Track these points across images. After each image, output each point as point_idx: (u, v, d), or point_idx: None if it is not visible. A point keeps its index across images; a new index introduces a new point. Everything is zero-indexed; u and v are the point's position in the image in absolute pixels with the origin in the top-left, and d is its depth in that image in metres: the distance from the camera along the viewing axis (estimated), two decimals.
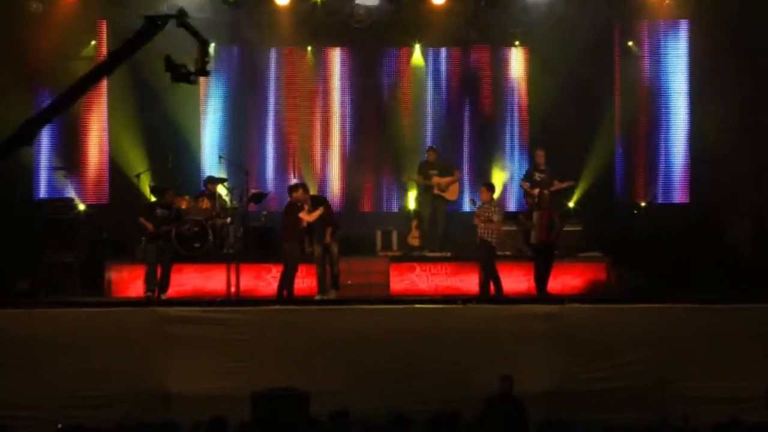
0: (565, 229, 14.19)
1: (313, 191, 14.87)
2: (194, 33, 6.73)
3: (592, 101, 15.95)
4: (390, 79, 16.64)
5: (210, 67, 6.62)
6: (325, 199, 14.10)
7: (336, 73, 16.63)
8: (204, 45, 6.74)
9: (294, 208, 13.34)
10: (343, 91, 16.64)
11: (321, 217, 13.25)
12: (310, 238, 13.37)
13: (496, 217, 13.24)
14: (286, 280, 13.23)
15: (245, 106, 16.49)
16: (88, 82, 6.49)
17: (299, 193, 13.35)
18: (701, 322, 11.73)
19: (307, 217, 13.28)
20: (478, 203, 13.55)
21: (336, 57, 16.67)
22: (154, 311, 11.83)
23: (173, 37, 7.11)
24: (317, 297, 13.15)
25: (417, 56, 16.53)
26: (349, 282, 13.66)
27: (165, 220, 13.45)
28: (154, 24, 6.50)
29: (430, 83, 16.65)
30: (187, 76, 6.58)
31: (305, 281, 13.70)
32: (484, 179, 15.96)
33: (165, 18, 6.61)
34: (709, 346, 11.56)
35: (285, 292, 13.19)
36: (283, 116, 16.54)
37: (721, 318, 11.78)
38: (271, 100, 16.53)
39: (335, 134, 16.64)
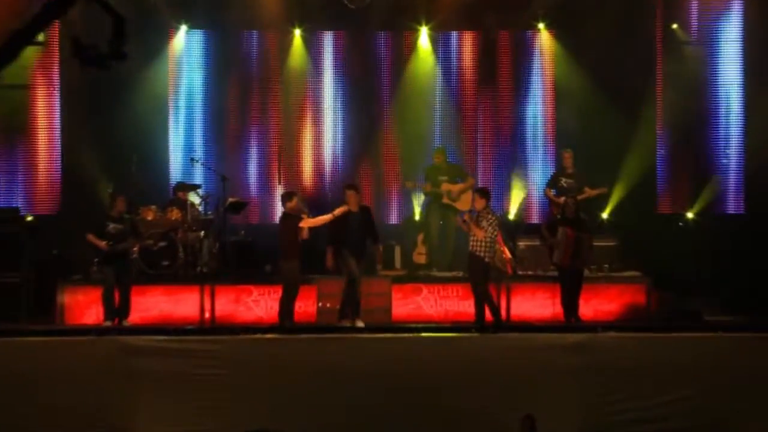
0: (598, 244, 14.20)
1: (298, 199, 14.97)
2: (105, 6, 6.69)
3: (629, 94, 15.98)
4: (391, 68, 16.69)
5: (127, 48, 6.59)
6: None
7: (328, 62, 16.69)
8: (119, 22, 6.69)
9: (290, 219, 13.31)
10: (336, 82, 16.69)
11: (366, 226, 13.37)
12: (338, 249, 13.40)
13: (484, 224, 13.11)
14: (286, 306, 13.23)
15: (222, 100, 16.54)
16: None
17: (294, 203, 13.35)
18: (760, 353, 11.74)
19: (310, 222, 13.30)
20: (473, 213, 13.48)
21: (328, 42, 16.73)
22: (115, 341, 11.82)
23: None
24: (356, 323, 13.17)
25: (423, 42, 16.60)
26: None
27: (120, 235, 13.40)
28: None
29: (438, 73, 16.69)
30: (98, 59, 6.54)
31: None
32: (501, 186, 16.05)
33: None
34: None
35: (287, 321, 13.16)
36: (267, 111, 16.60)
37: None
38: (253, 92, 16.59)
39: (327, 133, 16.69)
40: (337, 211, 13.27)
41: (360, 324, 13.09)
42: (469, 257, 13.20)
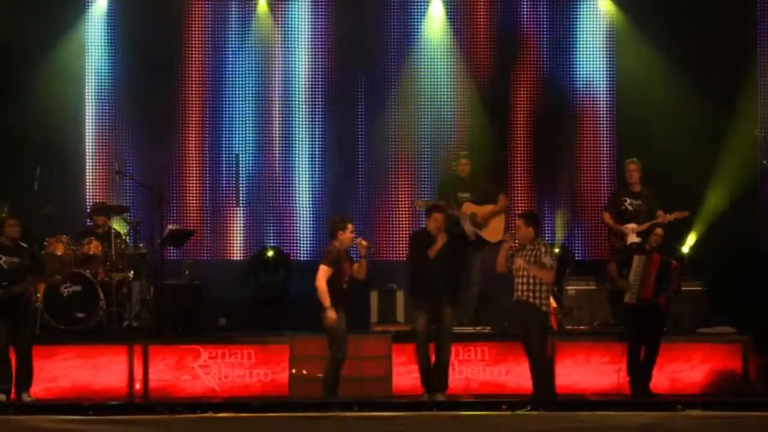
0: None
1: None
2: None
3: (717, 83, 16.09)
4: (392, 45, 16.80)
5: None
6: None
7: (305, 36, 16.78)
8: None
9: (338, 255, 13.15)
10: (315, 62, 16.80)
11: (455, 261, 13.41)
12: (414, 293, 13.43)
13: (549, 261, 13.13)
14: (331, 372, 13.19)
15: (158, 90, 16.60)
16: None
17: (348, 234, 13.04)
18: None
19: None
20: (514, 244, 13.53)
21: (305, 9, 16.82)
22: (10, 423, 11.84)
23: None
24: (432, 398, 13.20)
25: (436, 7, 16.68)
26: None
27: (15, 272, 13.38)
28: None
29: (456, 52, 16.80)
30: None
31: (254, 374, 13.81)
32: (542, 209, 16.09)
33: None
34: None
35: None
36: (220, 105, 16.70)
37: None
38: (201, 78, 16.70)
39: (302, 132, 16.77)
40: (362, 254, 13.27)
41: (440, 398, 13.18)
42: (517, 306, 13.19)
